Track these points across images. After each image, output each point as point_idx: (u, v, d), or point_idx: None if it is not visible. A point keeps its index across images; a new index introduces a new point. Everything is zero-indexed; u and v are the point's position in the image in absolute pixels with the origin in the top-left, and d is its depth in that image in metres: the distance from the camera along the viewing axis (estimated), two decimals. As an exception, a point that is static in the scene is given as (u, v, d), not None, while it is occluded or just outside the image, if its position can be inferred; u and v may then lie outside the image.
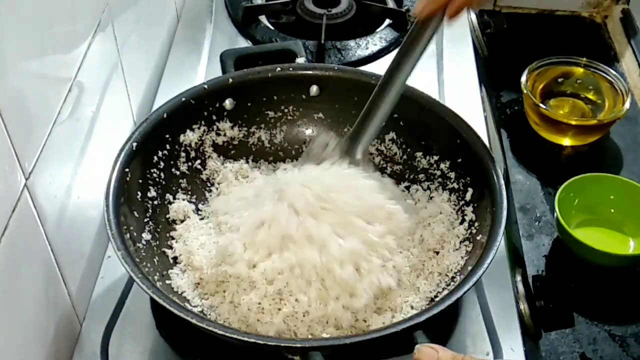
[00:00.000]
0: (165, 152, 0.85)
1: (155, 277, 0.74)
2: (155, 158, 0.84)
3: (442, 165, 0.87)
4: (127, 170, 0.78)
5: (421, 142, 0.89)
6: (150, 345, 0.78)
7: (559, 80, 1.24)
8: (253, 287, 0.74)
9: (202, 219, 0.85)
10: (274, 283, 0.74)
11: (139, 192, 0.80)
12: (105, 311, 0.80)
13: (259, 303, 0.73)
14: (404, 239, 0.79)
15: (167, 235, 0.82)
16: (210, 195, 0.88)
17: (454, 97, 1.04)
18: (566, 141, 1.19)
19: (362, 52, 1.15)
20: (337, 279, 0.73)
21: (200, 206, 0.87)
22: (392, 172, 0.91)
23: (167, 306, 0.66)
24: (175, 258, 0.80)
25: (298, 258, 0.74)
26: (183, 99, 0.87)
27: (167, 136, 0.86)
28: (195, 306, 0.76)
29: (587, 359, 0.92)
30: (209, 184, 0.89)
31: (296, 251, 0.74)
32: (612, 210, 1.06)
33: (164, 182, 0.84)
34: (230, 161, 0.91)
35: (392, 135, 0.91)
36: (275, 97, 0.92)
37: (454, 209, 0.84)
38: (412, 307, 0.76)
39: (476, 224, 0.79)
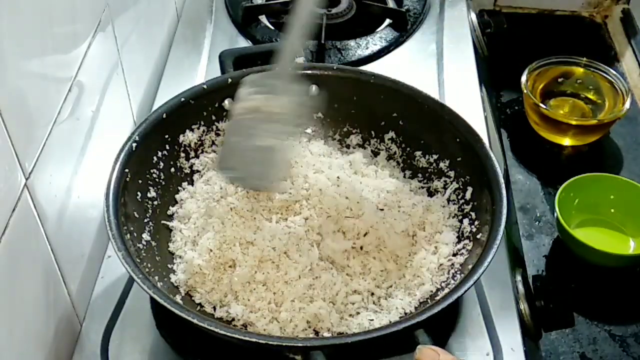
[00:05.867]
0: (165, 152, 0.85)
1: (156, 278, 0.74)
2: (155, 158, 0.84)
3: (441, 164, 0.86)
4: (127, 170, 0.78)
5: (420, 141, 0.89)
6: (150, 345, 0.78)
7: (559, 80, 1.24)
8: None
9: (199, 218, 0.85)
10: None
11: (139, 192, 0.80)
12: (105, 311, 0.80)
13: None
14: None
15: (167, 235, 0.82)
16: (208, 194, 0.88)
17: (454, 97, 1.04)
18: (566, 141, 1.19)
19: (362, 52, 1.15)
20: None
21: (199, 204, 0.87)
22: (391, 171, 0.91)
23: (168, 306, 0.66)
24: (175, 258, 0.80)
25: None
26: (182, 99, 0.87)
27: (167, 136, 0.85)
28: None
29: (587, 359, 0.92)
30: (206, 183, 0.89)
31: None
32: (612, 210, 1.06)
33: (163, 182, 0.84)
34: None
35: (391, 134, 0.91)
36: (274, 97, 0.92)
37: (454, 208, 0.84)
38: (404, 311, 0.76)
39: (476, 223, 0.79)
